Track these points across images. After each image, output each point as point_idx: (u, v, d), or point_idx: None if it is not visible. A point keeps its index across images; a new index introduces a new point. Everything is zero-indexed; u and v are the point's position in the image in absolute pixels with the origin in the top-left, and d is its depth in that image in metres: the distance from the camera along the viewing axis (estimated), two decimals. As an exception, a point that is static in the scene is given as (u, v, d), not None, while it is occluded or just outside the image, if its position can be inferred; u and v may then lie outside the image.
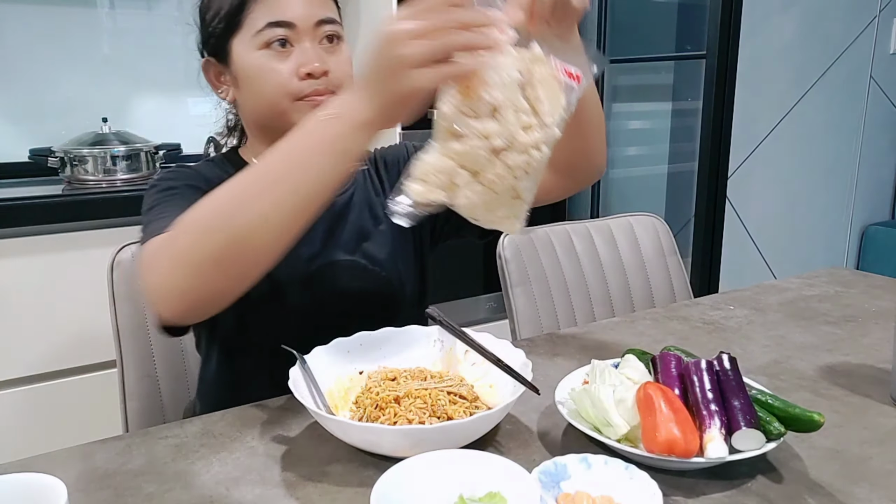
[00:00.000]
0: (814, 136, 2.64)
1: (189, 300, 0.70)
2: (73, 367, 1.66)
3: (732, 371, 0.73)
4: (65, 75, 2.05)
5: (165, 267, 0.70)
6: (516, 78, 0.64)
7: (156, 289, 0.71)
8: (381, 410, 0.77)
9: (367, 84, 0.65)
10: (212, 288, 0.69)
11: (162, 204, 0.86)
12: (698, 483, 0.68)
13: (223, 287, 0.70)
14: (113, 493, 0.68)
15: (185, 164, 1.00)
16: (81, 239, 1.62)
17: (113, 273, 1.11)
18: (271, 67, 0.89)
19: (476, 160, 0.65)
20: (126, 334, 1.11)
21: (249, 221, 0.66)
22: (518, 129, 0.64)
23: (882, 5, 2.67)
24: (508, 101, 0.64)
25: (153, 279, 0.71)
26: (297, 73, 0.89)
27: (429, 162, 0.67)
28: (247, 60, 0.91)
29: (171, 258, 0.70)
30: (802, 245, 2.74)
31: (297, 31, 0.90)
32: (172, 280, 0.69)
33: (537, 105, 0.66)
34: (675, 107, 2.64)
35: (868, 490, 0.67)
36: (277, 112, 0.91)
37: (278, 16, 0.89)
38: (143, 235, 0.82)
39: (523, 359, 0.82)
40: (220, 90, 0.97)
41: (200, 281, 0.68)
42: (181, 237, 0.69)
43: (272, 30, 0.89)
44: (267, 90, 0.90)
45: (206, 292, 0.70)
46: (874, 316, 1.17)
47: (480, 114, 0.64)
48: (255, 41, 0.90)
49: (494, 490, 0.61)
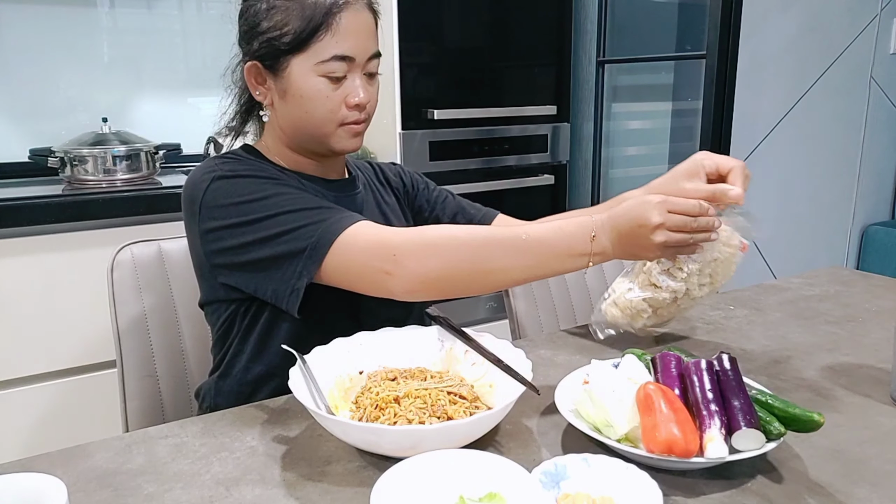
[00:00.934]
0: (814, 136, 2.64)
1: (437, 290, 0.86)
2: (73, 367, 1.66)
3: (732, 371, 0.73)
4: (65, 75, 2.05)
5: (425, 263, 0.83)
6: (715, 257, 0.92)
7: (406, 272, 0.83)
8: (381, 410, 0.77)
9: (621, 241, 0.85)
10: (459, 290, 0.87)
11: (285, 195, 0.90)
12: (698, 483, 0.68)
13: (466, 292, 0.88)
14: (113, 493, 0.68)
15: (234, 152, 1.01)
16: (81, 239, 1.62)
17: (113, 273, 1.11)
18: (326, 95, 0.95)
19: (660, 303, 0.96)
20: (126, 334, 1.11)
21: (493, 271, 0.85)
22: (696, 287, 0.95)
23: (882, 5, 2.67)
24: (698, 271, 0.93)
25: (411, 264, 0.83)
26: (346, 102, 0.96)
27: (629, 299, 0.98)
28: (304, 83, 0.94)
29: (433, 266, 0.84)
30: (802, 245, 2.74)
31: (353, 64, 0.95)
32: (429, 272, 0.84)
33: (716, 276, 0.95)
34: (675, 107, 2.64)
35: (868, 490, 0.67)
36: (322, 134, 0.98)
37: (345, 50, 0.93)
38: (323, 227, 0.87)
39: (523, 359, 0.82)
40: (259, 92, 1.00)
41: (451, 285, 0.86)
42: (436, 257, 0.84)
43: (336, 63, 0.93)
44: (317, 114, 0.96)
45: (454, 291, 0.88)
46: (874, 316, 1.17)
47: (677, 277, 0.94)
48: (318, 68, 0.93)
49: (494, 490, 0.61)
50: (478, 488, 0.62)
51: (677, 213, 0.85)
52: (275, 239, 0.87)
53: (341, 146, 0.99)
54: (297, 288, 0.86)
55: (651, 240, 0.83)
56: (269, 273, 0.88)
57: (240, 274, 0.92)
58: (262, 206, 0.89)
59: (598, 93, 2.61)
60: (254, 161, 0.98)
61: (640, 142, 2.76)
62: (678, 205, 0.85)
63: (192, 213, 0.93)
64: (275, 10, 0.93)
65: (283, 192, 0.91)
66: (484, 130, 2.28)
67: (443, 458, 0.64)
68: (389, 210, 1.13)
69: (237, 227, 0.89)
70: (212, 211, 0.91)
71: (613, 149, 2.71)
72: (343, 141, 0.99)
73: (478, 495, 0.61)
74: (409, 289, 0.84)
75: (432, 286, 0.85)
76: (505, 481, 0.62)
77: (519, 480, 0.61)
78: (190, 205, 0.94)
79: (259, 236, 0.88)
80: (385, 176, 1.18)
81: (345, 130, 0.98)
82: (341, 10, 0.92)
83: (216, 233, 0.91)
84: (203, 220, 0.92)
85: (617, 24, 2.57)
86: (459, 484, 0.62)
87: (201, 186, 0.92)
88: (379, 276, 0.84)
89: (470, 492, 0.61)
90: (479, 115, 2.25)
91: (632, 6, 2.58)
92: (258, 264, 0.89)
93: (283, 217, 0.88)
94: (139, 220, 1.66)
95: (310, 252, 0.85)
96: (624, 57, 2.61)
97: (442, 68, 2.18)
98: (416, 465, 0.63)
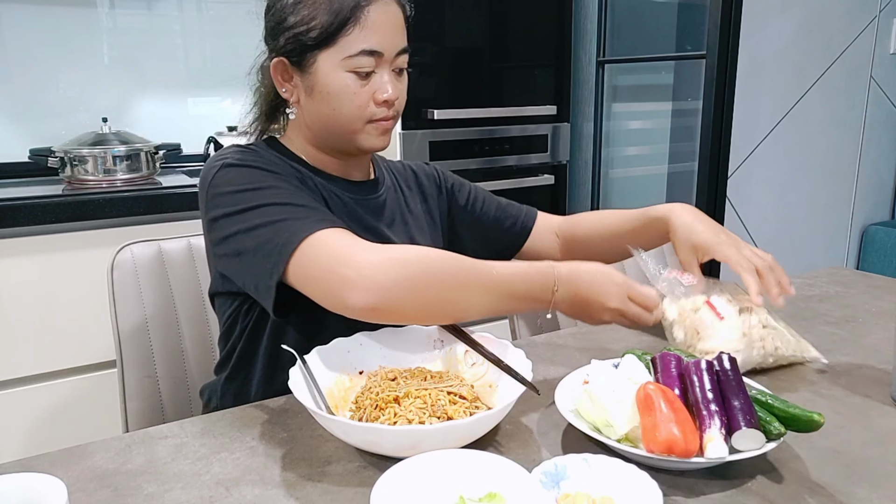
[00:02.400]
0: (814, 136, 2.64)
1: (397, 311, 0.81)
2: (73, 367, 1.66)
3: (732, 371, 0.73)
4: (65, 75, 2.05)
5: (388, 277, 0.79)
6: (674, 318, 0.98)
7: (367, 282, 0.78)
8: (381, 410, 0.77)
9: (575, 302, 0.88)
10: (420, 314, 0.84)
11: (279, 189, 0.88)
12: (698, 483, 0.68)
13: (426, 317, 0.85)
14: (113, 493, 0.68)
15: (250, 147, 0.98)
16: (81, 239, 1.62)
17: (113, 273, 1.11)
18: (354, 91, 0.93)
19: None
20: (126, 334, 1.11)
21: (458, 301, 0.83)
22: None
23: (882, 5, 2.67)
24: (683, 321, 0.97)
25: (374, 275, 0.78)
26: (374, 98, 0.94)
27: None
28: (332, 78, 0.93)
29: (396, 281, 0.79)
30: (802, 245, 2.74)
31: (382, 60, 0.94)
32: (391, 288, 0.79)
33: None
34: (675, 107, 2.64)
35: (868, 490, 0.67)
36: (349, 131, 0.96)
37: (373, 45, 0.92)
38: (297, 225, 0.83)
39: (523, 359, 0.82)
40: (285, 89, 0.98)
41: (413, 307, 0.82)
42: (401, 273, 0.79)
43: (364, 57, 0.92)
44: (345, 111, 0.94)
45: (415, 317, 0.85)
46: (874, 316, 1.17)
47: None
48: (345, 63, 0.92)
49: (494, 490, 0.61)
50: (478, 488, 0.62)
51: (637, 303, 0.89)
52: (256, 230, 0.85)
53: (369, 144, 0.97)
54: (268, 285, 0.83)
55: (601, 315, 0.89)
56: (250, 266, 0.86)
57: (230, 264, 0.90)
58: (254, 195, 0.87)
59: (598, 93, 2.61)
60: (269, 154, 0.96)
61: (640, 142, 2.76)
62: (639, 296, 0.89)
63: (203, 198, 0.93)
64: (301, 4, 0.92)
65: (278, 186, 0.89)
66: (484, 130, 2.28)
67: (443, 458, 0.64)
68: (412, 217, 1.10)
69: (232, 216, 0.87)
70: (215, 199, 0.90)
71: (613, 149, 2.71)
72: (371, 139, 0.97)
73: (478, 495, 0.61)
74: (367, 302, 0.78)
75: (393, 305, 0.79)
76: (505, 481, 0.62)
77: (519, 480, 0.61)
78: (202, 189, 0.93)
79: (245, 226, 0.86)
80: (417, 179, 1.16)
81: (373, 128, 0.96)
82: (369, 4, 0.91)
83: (217, 221, 0.90)
84: (209, 208, 0.91)
85: (617, 24, 2.56)
86: (459, 484, 0.62)
87: (211, 172, 0.92)
88: (338, 285, 0.78)
89: (470, 492, 0.61)
90: (479, 115, 2.25)
91: (632, 6, 2.58)
92: (242, 256, 0.87)
93: (269, 209, 0.85)
94: (139, 220, 1.66)
95: (280, 249, 0.82)
96: (624, 57, 2.61)
97: (442, 68, 2.18)
98: (416, 465, 0.63)
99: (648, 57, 2.60)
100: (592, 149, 2.67)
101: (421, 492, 0.61)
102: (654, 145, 2.73)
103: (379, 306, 0.78)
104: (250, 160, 0.92)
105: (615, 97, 2.67)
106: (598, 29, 2.56)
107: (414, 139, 2.12)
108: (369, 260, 0.79)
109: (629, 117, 2.71)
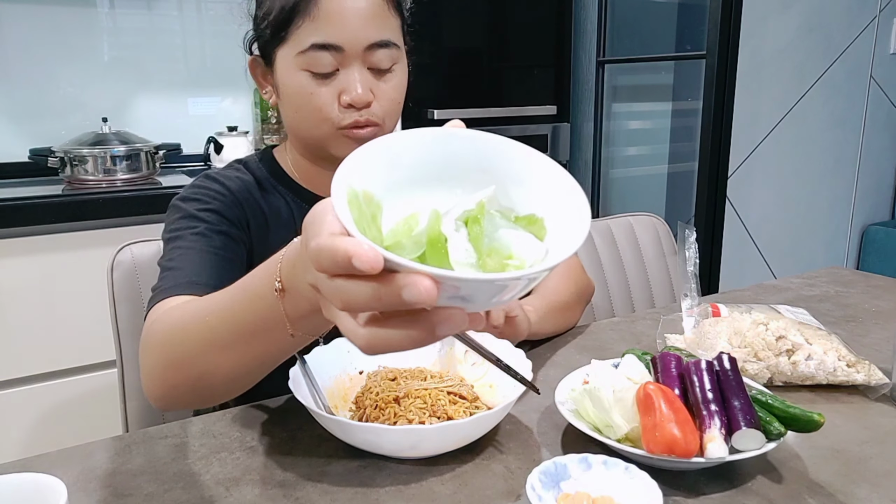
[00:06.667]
0: (814, 136, 2.64)
1: (168, 404, 0.71)
2: (73, 367, 1.66)
3: (732, 371, 0.73)
4: (65, 75, 2.05)
5: (147, 366, 0.70)
6: None
7: (143, 374, 0.70)
8: (380, 410, 0.77)
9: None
10: (188, 401, 0.71)
11: (180, 243, 0.83)
12: (698, 483, 0.68)
13: (197, 401, 0.71)
14: (113, 493, 0.68)
15: (216, 176, 0.92)
16: (81, 239, 1.62)
17: (113, 273, 1.10)
18: (310, 92, 0.82)
19: None
20: (126, 334, 1.11)
21: (205, 374, 0.66)
22: None
23: (882, 5, 2.67)
24: None
25: (142, 362, 0.70)
26: (340, 99, 0.83)
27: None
28: (288, 78, 0.83)
29: (153, 365, 0.69)
30: (802, 245, 2.74)
31: (344, 55, 0.81)
32: (153, 382, 0.69)
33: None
34: (675, 107, 2.64)
35: (868, 490, 0.67)
36: (317, 137, 0.86)
37: (327, 38, 0.80)
38: (156, 284, 0.79)
39: (523, 359, 0.82)
40: (266, 91, 0.91)
41: (177, 395, 0.70)
42: (156, 353, 0.68)
43: (317, 53, 0.80)
44: (305, 114, 0.84)
45: (184, 403, 0.72)
46: (874, 316, 1.17)
47: None
48: (299, 61, 0.82)
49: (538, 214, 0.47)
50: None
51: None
52: (161, 266, 0.82)
53: (340, 154, 0.84)
54: None
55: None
56: None
57: None
58: (168, 245, 0.85)
59: (598, 93, 2.61)
60: (229, 183, 0.90)
61: (640, 142, 2.76)
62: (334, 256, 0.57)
63: None
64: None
65: (183, 242, 0.83)
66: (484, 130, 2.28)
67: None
68: None
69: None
70: (163, 231, 0.89)
71: (613, 149, 2.71)
72: (343, 149, 0.84)
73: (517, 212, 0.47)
74: (150, 398, 0.70)
75: (168, 405, 0.70)
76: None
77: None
78: None
79: (162, 263, 0.84)
80: None
81: (343, 135, 0.84)
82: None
83: None
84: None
85: (617, 24, 2.57)
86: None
87: (171, 203, 0.90)
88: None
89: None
90: (479, 115, 2.25)
91: (632, 6, 2.58)
92: None
93: (169, 254, 0.83)
94: (139, 220, 1.66)
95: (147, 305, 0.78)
96: (624, 57, 2.61)
97: (442, 68, 2.18)
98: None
99: (648, 57, 2.60)
100: (592, 149, 2.67)
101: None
102: (654, 145, 2.73)
103: (159, 404, 0.71)
104: (194, 198, 0.88)
105: (615, 97, 2.67)
106: (598, 29, 2.56)
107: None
108: (143, 342, 0.71)
109: (629, 117, 2.72)
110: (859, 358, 0.89)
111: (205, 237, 0.83)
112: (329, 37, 0.79)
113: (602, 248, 1.47)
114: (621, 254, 1.49)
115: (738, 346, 0.90)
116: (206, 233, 0.83)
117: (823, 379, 0.87)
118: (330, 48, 0.80)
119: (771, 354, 0.88)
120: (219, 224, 0.85)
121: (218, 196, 0.88)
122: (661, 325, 1.03)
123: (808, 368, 0.87)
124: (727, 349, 0.89)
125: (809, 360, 0.87)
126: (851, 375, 0.87)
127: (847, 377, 0.87)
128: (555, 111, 2.42)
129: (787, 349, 0.89)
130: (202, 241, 0.82)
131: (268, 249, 0.88)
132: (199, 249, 0.81)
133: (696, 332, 0.96)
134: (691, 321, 0.98)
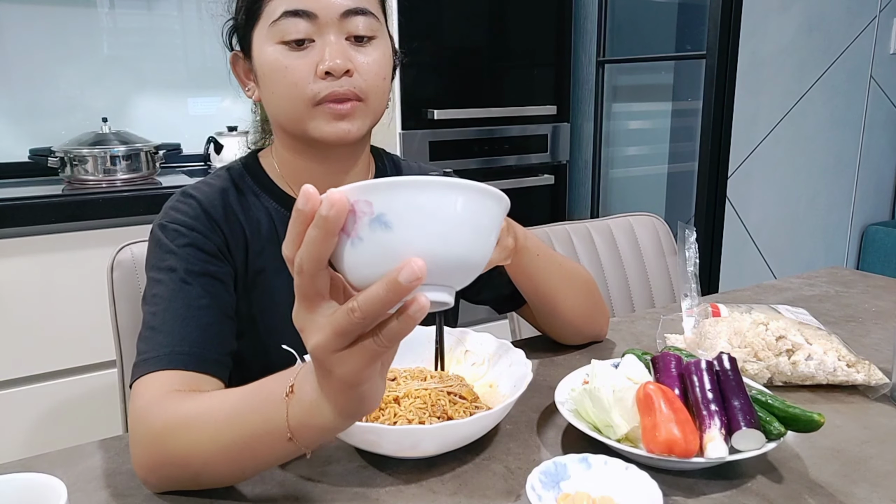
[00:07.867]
0: (814, 136, 2.64)
1: (160, 489, 0.69)
2: (73, 367, 1.66)
3: (732, 371, 0.73)
4: (65, 75, 2.05)
5: (141, 455, 0.67)
6: None
7: (135, 461, 0.68)
8: (380, 410, 0.77)
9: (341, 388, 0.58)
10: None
11: (161, 290, 0.79)
12: (698, 483, 0.68)
13: (190, 486, 0.68)
14: (113, 493, 0.68)
15: (194, 193, 0.86)
16: (81, 239, 1.62)
17: (113, 273, 1.10)
18: (285, 65, 0.79)
19: None
20: (126, 334, 1.10)
21: (200, 473, 0.65)
22: None
23: (882, 5, 2.67)
24: None
25: (134, 450, 0.68)
26: (316, 70, 0.79)
27: None
28: (263, 55, 0.80)
29: (147, 455, 0.67)
30: (802, 245, 2.74)
31: (318, 23, 0.78)
32: (147, 472, 0.67)
33: None
34: (675, 107, 2.64)
35: (868, 490, 0.67)
36: (294, 119, 0.81)
37: (298, 4, 0.78)
38: (140, 347, 0.76)
39: (523, 359, 0.82)
40: (248, 87, 0.87)
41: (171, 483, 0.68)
42: (154, 447, 0.66)
43: (289, 20, 0.78)
44: (280, 90, 0.80)
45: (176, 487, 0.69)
46: (874, 316, 1.17)
47: None
48: (272, 33, 0.79)
49: None
50: None
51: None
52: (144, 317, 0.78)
53: (319, 132, 0.81)
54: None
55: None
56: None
57: None
58: (150, 283, 0.81)
59: (598, 93, 2.61)
60: (207, 202, 0.85)
61: (640, 142, 2.76)
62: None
63: None
64: None
65: (168, 286, 0.79)
66: (484, 130, 2.28)
67: None
68: None
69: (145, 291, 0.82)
70: (145, 261, 0.85)
71: (613, 149, 2.71)
72: (322, 125, 0.80)
73: None
74: (142, 481, 0.68)
75: (160, 486, 0.67)
76: None
77: None
78: None
79: (145, 309, 0.80)
80: None
81: (321, 111, 0.80)
82: None
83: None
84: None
85: (617, 24, 2.57)
86: None
87: (151, 229, 0.85)
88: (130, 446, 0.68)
89: None
90: (479, 115, 2.25)
91: (632, 6, 2.58)
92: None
93: (152, 302, 0.78)
94: (139, 220, 1.66)
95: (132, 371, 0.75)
96: (624, 57, 2.61)
97: (442, 68, 2.18)
98: None
99: (648, 57, 2.60)
100: (592, 149, 2.67)
101: None
102: (654, 145, 2.73)
103: (153, 489, 0.68)
104: (172, 227, 0.83)
105: (615, 97, 2.67)
106: (598, 29, 2.56)
107: (414, 139, 2.12)
108: (132, 429, 0.69)
109: (629, 117, 2.72)
110: (859, 358, 0.89)
111: (185, 285, 0.79)
112: (299, 3, 0.78)
113: (602, 248, 1.47)
114: (621, 254, 1.49)
115: (738, 346, 0.90)
116: (186, 279, 0.79)
117: (823, 379, 0.87)
118: (302, 14, 0.78)
119: (771, 354, 0.88)
120: (196, 263, 0.81)
121: (196, 224, 0.83)
122: (661, 325, 1.03)
123: (808, 368, 0.87)
124: (727, 349, 0.89)
125: (809, 360, 0.87)
126: (851, 375, 0.87)
127: (847, 377, 0.87)
128: (555, 111, 2.42)
129: (787, 349, 0.89)
130: (182, 293, 0.79)
131: (251, 266, 0.87)
132: (179, 306, 0.78)
133: (696, 332, 0.96)
134: (691, 321, 0.97)
